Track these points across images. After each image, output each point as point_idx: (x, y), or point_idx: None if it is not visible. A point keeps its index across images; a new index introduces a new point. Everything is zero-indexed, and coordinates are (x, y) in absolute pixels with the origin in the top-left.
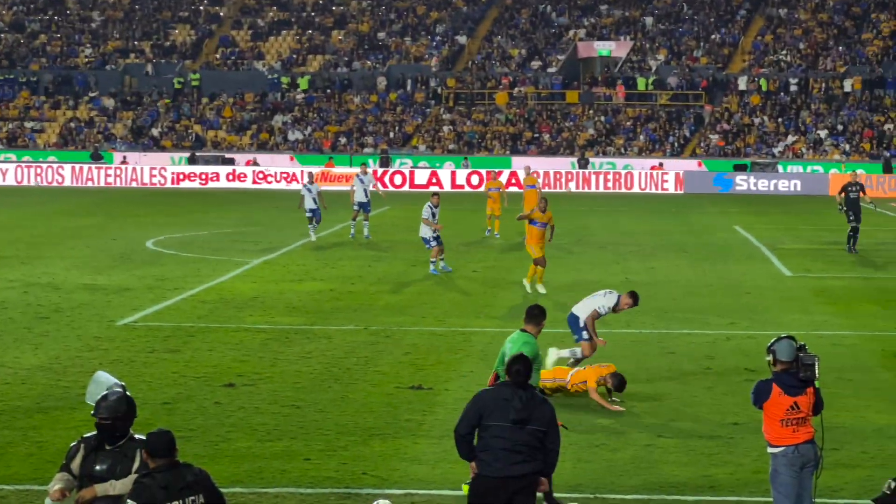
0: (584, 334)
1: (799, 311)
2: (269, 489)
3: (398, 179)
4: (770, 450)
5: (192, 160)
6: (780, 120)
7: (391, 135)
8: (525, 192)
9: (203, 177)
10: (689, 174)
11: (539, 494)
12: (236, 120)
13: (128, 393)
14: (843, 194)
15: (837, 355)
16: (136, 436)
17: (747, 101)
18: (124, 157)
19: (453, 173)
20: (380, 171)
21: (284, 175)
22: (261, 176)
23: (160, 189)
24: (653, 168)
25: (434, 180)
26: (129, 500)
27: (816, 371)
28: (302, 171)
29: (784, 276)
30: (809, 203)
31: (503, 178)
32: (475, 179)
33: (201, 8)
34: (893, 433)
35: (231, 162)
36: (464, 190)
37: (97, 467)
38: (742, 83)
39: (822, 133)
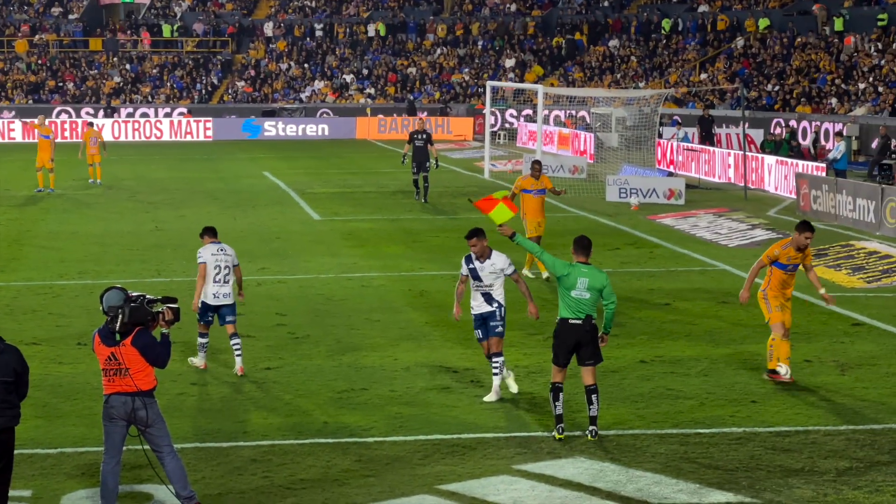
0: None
1: (328, 255)
2: None
3: None
4: None
5: None
6: (306, 65)
7: None
8: (39, 141)
9: None
10: (218, 122)
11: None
12: None
13: None
14: (410, 143)
15: (366, 297)
16: None
17: (273, 48)
18: None
19: None
20: None
21: None
22: None
23: None
24: (181, 115)
25: None
26: None
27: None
28: None
29: (313, 220)
30: (337, 147)
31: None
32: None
33: None
34: (419, 371)
35: None
36: None
37: None
38: (268, 29)
39: (348, 77)
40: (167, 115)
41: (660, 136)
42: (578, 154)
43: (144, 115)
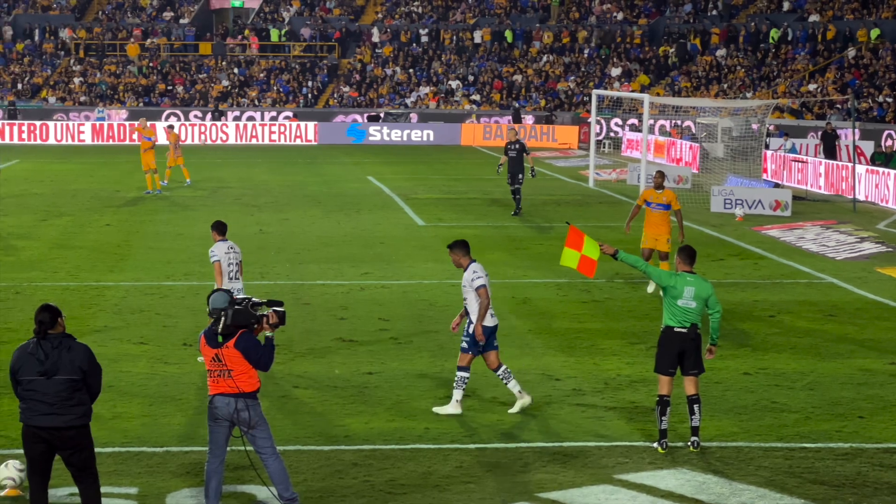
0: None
1: (431, 260)
2: None
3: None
4: None
5: None
6: (411, 71)
7: (19, 86)
8: (142, 143)
9: None
10: (323, 126)
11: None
12: None
13: None
14: (505, 154)
15: None
16: None
17: (379, 53)
18: None
19: (93, 126)
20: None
21: None
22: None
23: None
24: (286, 119)
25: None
26: None
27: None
28: None
29: (417, 226)
30: (442, 153)
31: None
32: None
33: None
34: (522, 379)
35: None
36: (95, 143)
37: None
38: (374, 34)
39: (454, 84)
40: (273, 118)
41: (766, 147)
42: (675, 162)
43: (251, 118)
